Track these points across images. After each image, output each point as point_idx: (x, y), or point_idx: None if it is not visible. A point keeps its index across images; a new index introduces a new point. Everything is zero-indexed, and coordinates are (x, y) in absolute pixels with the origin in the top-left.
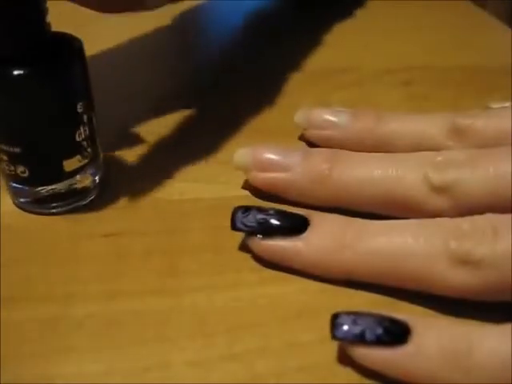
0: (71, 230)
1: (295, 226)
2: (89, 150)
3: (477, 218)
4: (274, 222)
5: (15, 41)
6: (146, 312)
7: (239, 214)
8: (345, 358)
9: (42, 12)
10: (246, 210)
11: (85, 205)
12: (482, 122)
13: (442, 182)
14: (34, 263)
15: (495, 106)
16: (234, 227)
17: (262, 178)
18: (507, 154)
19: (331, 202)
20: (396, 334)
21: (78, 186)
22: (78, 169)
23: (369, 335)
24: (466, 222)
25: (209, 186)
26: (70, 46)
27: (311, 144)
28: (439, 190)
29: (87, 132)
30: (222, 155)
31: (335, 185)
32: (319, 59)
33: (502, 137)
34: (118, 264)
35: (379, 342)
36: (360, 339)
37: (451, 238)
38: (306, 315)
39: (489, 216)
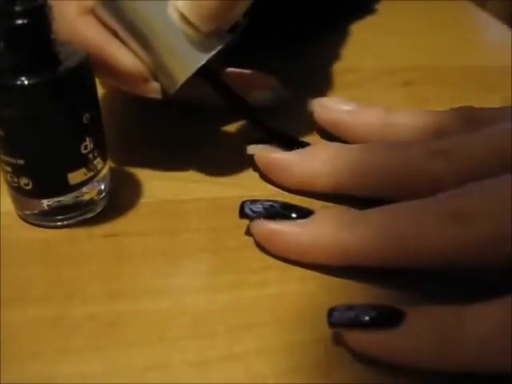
0: (71, 230)
1: (299, 214)
2: (95, 162)
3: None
4: (280, 208)
5: (19, 52)
6: (146, 312)
7: (248, 203)
8: (344, 359)
9: (47, 22)
10: (254, 200)
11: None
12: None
13: (440, 146)
14: (34, 263)
15: None
16: (241, 213)
17: (266, 156)
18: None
19: (332, 183)
20: (389, 316)
21: (85, 198)
22: (83, 182)
23: (363, 317)
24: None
25: (209, 185)
26: (76, 56)
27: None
28: (438, 154)
29: (94, 144)
30: (222, 156)
31: (338, 164)
32: (319, 60)
33: None
34: (118, 264)
35: (373, 324)
36: (354, 322)
37: (445, 213)
38: (305, 315)
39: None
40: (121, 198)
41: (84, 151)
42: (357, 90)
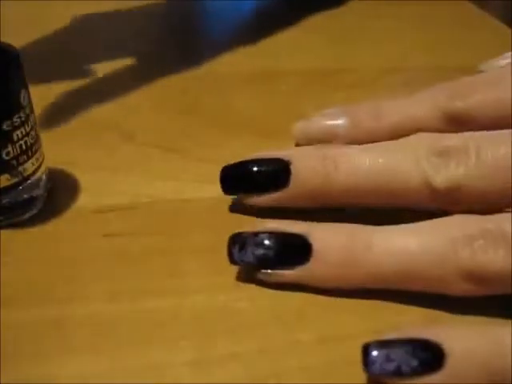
0: (71, 230)
1: (297, 258)
2: (20, 168)
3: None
4: (274, 256)
5: None
6: (146, 312)
7: (236, 252)
8: (345, 358)
9: None
10: (242, 245)
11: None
12: (478, 104)
13: (444, 187)
14: (34, 263)
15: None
16: (232, 263)
17: (255, 201)
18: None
19: (331, 206)
20: (431, 363)
21: (7, 200)
22: (7, 187)
23: (404, 369)
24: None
25: (209, 186)
26: (1, 56)
27: None
28: (441, 193)
29: (17, 150)
30: (221, 155)
31: (334, 193)
32: (319, 59)
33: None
34: (118, 264)
35: (415, 373)
36: (396, 375)
37: (458, 233)
38: (306, 315)
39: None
40: (120, 198)
41: (6, 157)
42: (357, 89)
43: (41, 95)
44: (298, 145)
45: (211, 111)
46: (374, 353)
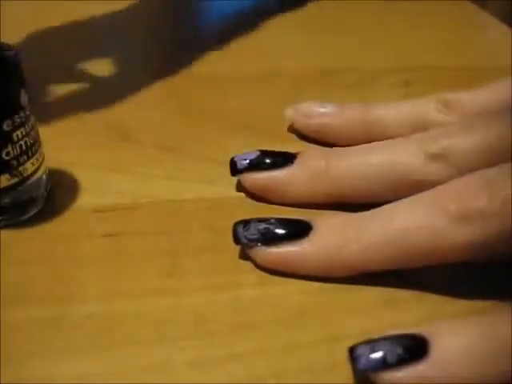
0: (71, 229)
1: (299, 231)
2: (20, 168)
3: None
4: (277, 229)
5: None
6: (145, 312)
7: (240, 230)
8: (345, 358)
9: None
10: (246, 223)
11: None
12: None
13: (437, 149)
14: (34, 263)
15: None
16: (238, 243)
17: (252, 179)
18: (501, 118)
19: (329, 197)
20: (416, 349)
21: (7, 200)
22: (7, 187)
23: (390, 358)
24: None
25: (209, 186)
26: (1, 56)
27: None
28: (436, 157)
29: (17, 150)
30: (221, 155)
31: (333, 178)
32: (319, 59)
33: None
34: (118, 264)
35: (401, 361)
36: (383, 364)
37: (451, 201)
38: (306, 315)
39: None
40: (120, 198)
41: (6, 157)
42: (357, 90)
43: (40, 95)
44: (290, 129)
45: (211, 111)
46: (360, 347)
